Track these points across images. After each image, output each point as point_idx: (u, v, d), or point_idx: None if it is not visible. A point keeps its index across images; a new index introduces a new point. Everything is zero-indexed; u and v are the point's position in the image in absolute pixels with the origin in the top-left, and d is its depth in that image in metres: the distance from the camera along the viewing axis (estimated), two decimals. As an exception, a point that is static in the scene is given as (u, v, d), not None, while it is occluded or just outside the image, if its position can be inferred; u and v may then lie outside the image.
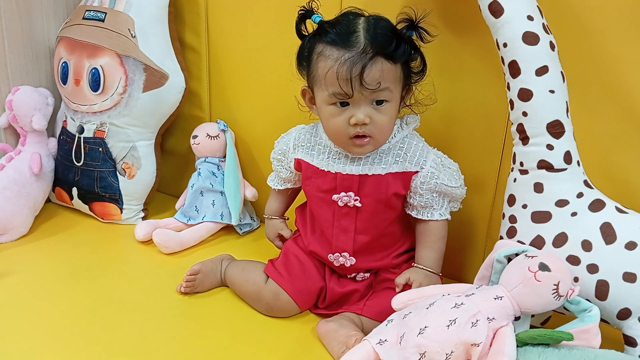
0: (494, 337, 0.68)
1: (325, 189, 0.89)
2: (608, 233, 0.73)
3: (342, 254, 0.89)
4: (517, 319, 0.75)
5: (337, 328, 0.83)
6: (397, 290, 0.86)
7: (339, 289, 0.91)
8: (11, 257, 1.05)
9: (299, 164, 0.93)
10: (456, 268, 1.03)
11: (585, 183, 0.76)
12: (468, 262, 1.03)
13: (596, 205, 0.75)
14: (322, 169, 0.89)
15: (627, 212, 0.75)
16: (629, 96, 0.82)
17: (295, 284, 0.90)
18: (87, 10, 1.12)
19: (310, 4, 0.86)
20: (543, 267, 0.69)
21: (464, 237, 1.01)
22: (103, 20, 1.10)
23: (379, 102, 0.81)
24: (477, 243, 1.01)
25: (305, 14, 0.85)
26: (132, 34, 1.10)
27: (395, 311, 0.78)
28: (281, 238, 1.01)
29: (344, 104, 0.81)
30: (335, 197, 0.88)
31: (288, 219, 1.05)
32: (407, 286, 0.86)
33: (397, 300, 0.78)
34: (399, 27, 0.82)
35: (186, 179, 1.28)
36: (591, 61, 0.82)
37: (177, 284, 0.97)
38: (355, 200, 0.87)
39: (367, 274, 0.92)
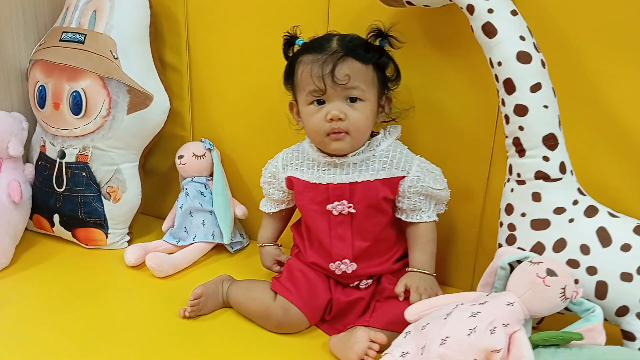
0: (509, 341, 0.72)
1: (318, 201, 0.92)
2: (604, 237, 0.78)
3: (342, 261, 0.92)
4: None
5: (348, 334, 0.85)
6: (400, 299, 0.89)
7: (344, 298, 0.93)
8: (-4, 290, 1.01)
9: (290, 182, 0.96)
10: (447, 273, 1.07)
11: (579, 190, 0.82)
12: (459, 268, 1.07)
13: (590, 211, 0.80)
14: (314, 182, 0.92)
15: (618, 216, 0.81)
16: (603, 108, 0.88)
17: (304, 298, 0.91)
18: (64, 32, 1.09)
19: (294, 28, 0.93)
20: (550, 272, 0.74)
21: (454, 244, 1.05)
22: (83, 42, 1.07)
23: (353, 100, 0.87)
24: (468, 249, 1.05)
25: (290, 40, 0.93)
26: (114, 56, 1.08)
27: (409, 322, 0.80)
28: (279, 264, 1.03)
29: (321, 102, 0.88)
30: (329, 207, 0.91)
31: (281, 245, 1.06)
32: (407, 292, 0.89)
33: (410, 312, 0.80)
34: (370, 38, 0.91)
35: (168, 199, 1.27)
36: (569, 76, 0.87)
37: (176, 307, 0.96)
38: (349, 207, 0.90)
39: (370, 281, 0.94)
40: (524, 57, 0.78)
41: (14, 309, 0.96)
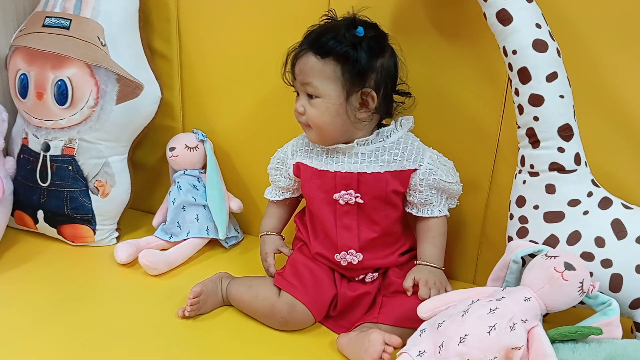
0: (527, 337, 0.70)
1: (325, 189, 0.90)
2: (619, 229, 0.77)
3: (348, 251, 0.90)
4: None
5: (358, 333, 0.83)
6: (409, 293, 0.87)
7: (350, 293, 0.91)
8: (-21, 292, 0.95)
9: (298, 168, 0.93)
10: (449, 266, 1.04)
11: (593, 182, 0.80)
12: (461, 260, 1.05)
13: (605, 203, 0.79)
14: (322, 169, 0.90)
15: (632, 208, 0.80)
16: (613, 99, 0.87)
17: (310, 294, 0.88)
18: (47, 17, 1.03)
19: (333, 12, 0.88)
20: (568, 266, 0.72)
21: (457, 237, 1.03)
22: (68, 28, 1.01)
23: (310, 95, 0.86)
24: (471, 242, 1.04)
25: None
26: (101, 42, 1.02)
27: (419, 318, 0.78)
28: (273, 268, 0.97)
29: (298, 94, 0.89)
30: (336, 195, 0.89)
31: (284, 238, 1.02)
32: (415, 286, 0.87)
33: (424, 309, 0.78)
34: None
35: (157, 193, 1.22)
36: (579, 67, 0.85)
37: (174, 307, 0.92)
38: (356, 197, 0.88)
39: (376, 274, 0.92)
40: (540, 46, 0.76)
41: (3, 313, 0.90)
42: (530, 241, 0.82)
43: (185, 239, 1.09)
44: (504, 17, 0.77)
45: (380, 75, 0.85)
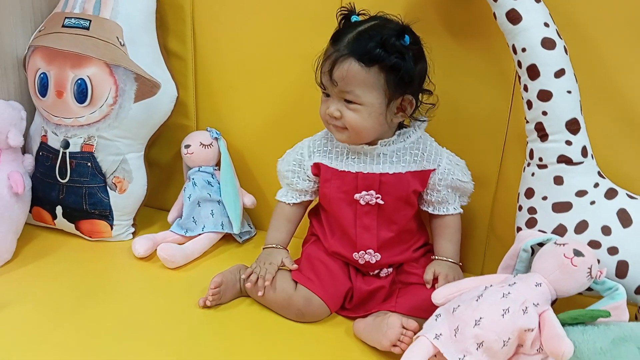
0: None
1: (345, 190, 0.92)
2: (624, 218, 0.81)
3: (367, 251, 0.92)
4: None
5: (375, 318, 0.86)
6: (428, 286, 0.90)
7: (365, 287, 0.93)
8: (0, 287, 0.97)
9: (318, 168, 0.95)
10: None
11: (599, 174, 0.84)
12: (470, 253, 1.08)
13: (611, 194, 0.83)
14: (342, 169, 0.92)
15: (637, 198, 0.83)
16: (621, 97, 0.90)
17: (325, 288, 0.91)
18: (66, 18, 1.05)
19: (352, 4, 0.88)
20: (577, 253, 0.76)
21: (466, 230, 1.05)
22: (88, 28, 1.04)
23: (348, 101, 0.85)
24: (479, 236, 1.07)
25: (347, 15, 0.88)
26: (120, 42, 1.05)
27: (433, 309, 0.81)
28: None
29: (328, 95, 0.88)
30: (357, 196, 0.91)
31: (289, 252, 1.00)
32: (434, 279, 0.90)
33: (438, 295, 0.81)
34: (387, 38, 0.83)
35: (171, 190, 1.25)
36: (587, 65, 0.89)
37: (192, 298, 0.95)
38: (377, 198, 0.90)
39: (390, 269, 0.95)
40: (548, 44, 0.80)
41: (21, 308, 0.91)
42: (539, 231, 0.85)
43: (200, 234, 1.12)
44: (514, 17, 0.81)
45: (418, 82, 0.87)
